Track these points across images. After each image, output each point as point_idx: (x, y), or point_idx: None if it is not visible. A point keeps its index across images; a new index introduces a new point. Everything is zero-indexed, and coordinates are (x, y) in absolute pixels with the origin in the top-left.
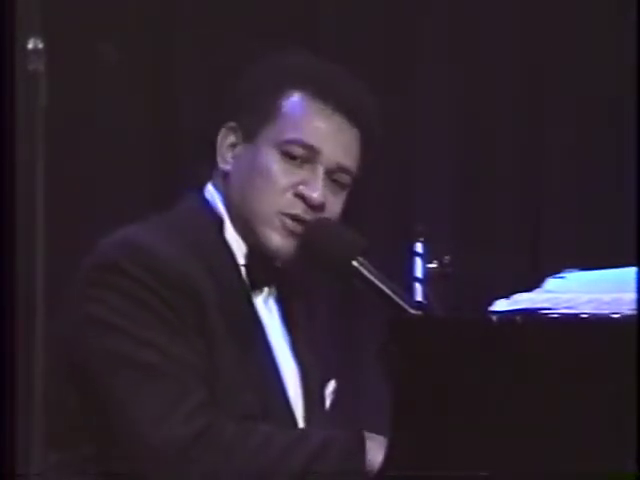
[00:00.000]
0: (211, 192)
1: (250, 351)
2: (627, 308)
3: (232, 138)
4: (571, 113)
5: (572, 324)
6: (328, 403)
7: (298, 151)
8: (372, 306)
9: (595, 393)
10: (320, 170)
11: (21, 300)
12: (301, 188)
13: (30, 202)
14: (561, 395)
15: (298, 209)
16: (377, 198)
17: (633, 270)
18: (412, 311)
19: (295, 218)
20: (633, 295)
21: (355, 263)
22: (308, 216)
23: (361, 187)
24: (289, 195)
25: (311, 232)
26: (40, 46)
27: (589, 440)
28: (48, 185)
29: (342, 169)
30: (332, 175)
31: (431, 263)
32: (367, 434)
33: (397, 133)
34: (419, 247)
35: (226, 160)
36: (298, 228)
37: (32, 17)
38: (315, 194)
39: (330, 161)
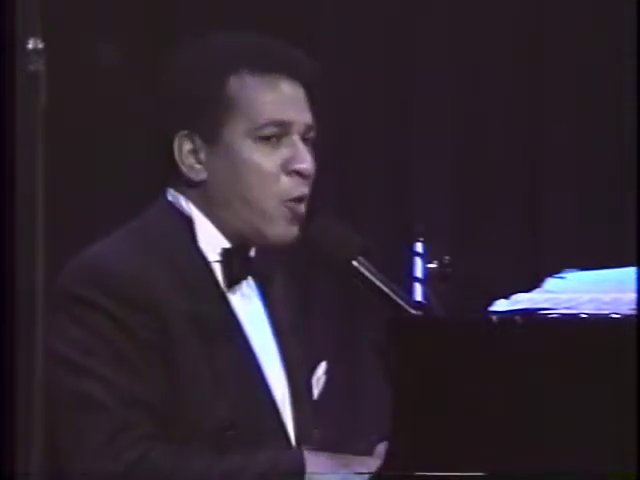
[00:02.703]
0: (174, 195)
1: (227, 358)
2: (627, 308)
3: (189, 145)
4: (571, 113)
5: (572, 324)
6: (317, 391)
7: (272, 131)
8: (372, 306)
9: (595, 393)
10: (297, 139)
11: (21, 300)
12: (291, 165)
13: (30, 202)
14: (561, 395)
15: (299, 189)
16: (377, 198)
17: (633, 270)
18: (412, 311)
19: (300, 199)
20: (633, 295)
21: (355, 263)
22: (306, 189)
23: (361, 187)
24: (284, 177)
25: (311, 232)
26: (40, 46)
27: (589, 440)
28: (48, 185)
29: (309, 128)
30: (303, 137)
31: (431, 263)
32: (309, 454)
33: (397, 133)
34: (419, 247)
35: (194, 169)
36: (302, 209)
37: (32, 17)
38: (305, 165)
39: (300, 126)
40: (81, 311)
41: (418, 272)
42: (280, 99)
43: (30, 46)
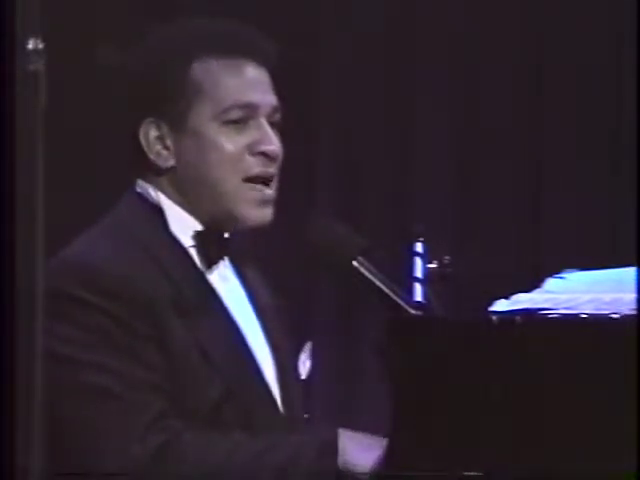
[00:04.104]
0: (142, 186)
1: (214, 338)
2: (627, 308)
3: (155, 132)
4: (571, 113)
5: (572, 324)
6: (304, 372)
7: (238, 114)
8: (372, 306)
9: (595, 393)
10: (264, 121)
11: (21, 300)
12: (258, 147)
13: (30, 202)
14: (561, 395)
15: (261, 167)
16: (377, 198)
17: (633, 270)
18: (412, 311)
19: (262, 179)
20: (633, 295)
21: (355, 263)
22: (272, 170)
23: (361, 187)
24: (248, 158)
25: (311, 232)
26: (40, 46)
27: (589, 440)
28: (48, 185)
29: (275, 110)
30: (270, 119)
31: (431, 263)
32: (345, 433)
33: (397, 133)
34: (419, 247)
35: (162, 155)
36: (269, 193)
37: (32, 17)
38: (273, 146)
39: (266, 109)
40: (74, 310)
41: (418, 272)
42: (245, 82)
43: (30, 46)
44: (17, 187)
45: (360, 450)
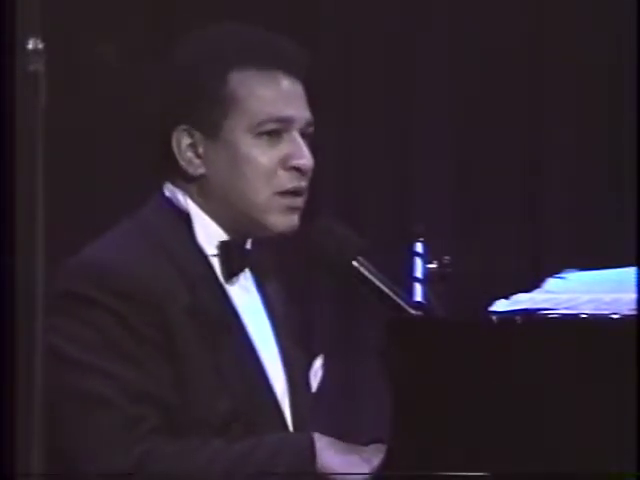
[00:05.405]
0: (172, 190)
1: (228, 351)
2: (627, 308)
3: (187, 140)
4: (571, 113)
5: (572, 324)
6: (315, 385)
7: (272, 126)
8: (372, 306)
9: (595, 393)
10: (297, 135)
11: (21, 300)
12: (290, 161)
13: (30, 202)
14: (561, 395)
15: (294, 182)
16: (377, 198)
17: (633, 270)
18: (412, 311)
19: (294, 192)
20: (633, 295)
21: (355, 263)
22: (303, 183)
23: (361, 187)
24: (281, 172)
25: (311, 232)
26: (40, 46)
27: (589, 440)
28: (48, 185)
29: (309, 124)
30: (303, 132)
31: (431, 263)
32: (320, 438)
33: (397, 133)
34: (419, 247)
35: (193, 163)
36: (298, 201)
37: (32, 17)
38: (304, 160)
39: (300, 122)
40: (84, 310)
41: (418, 272)
42: (280, 95)
43: (30, 46)
44: (17, 187)
45: (335, 455)
